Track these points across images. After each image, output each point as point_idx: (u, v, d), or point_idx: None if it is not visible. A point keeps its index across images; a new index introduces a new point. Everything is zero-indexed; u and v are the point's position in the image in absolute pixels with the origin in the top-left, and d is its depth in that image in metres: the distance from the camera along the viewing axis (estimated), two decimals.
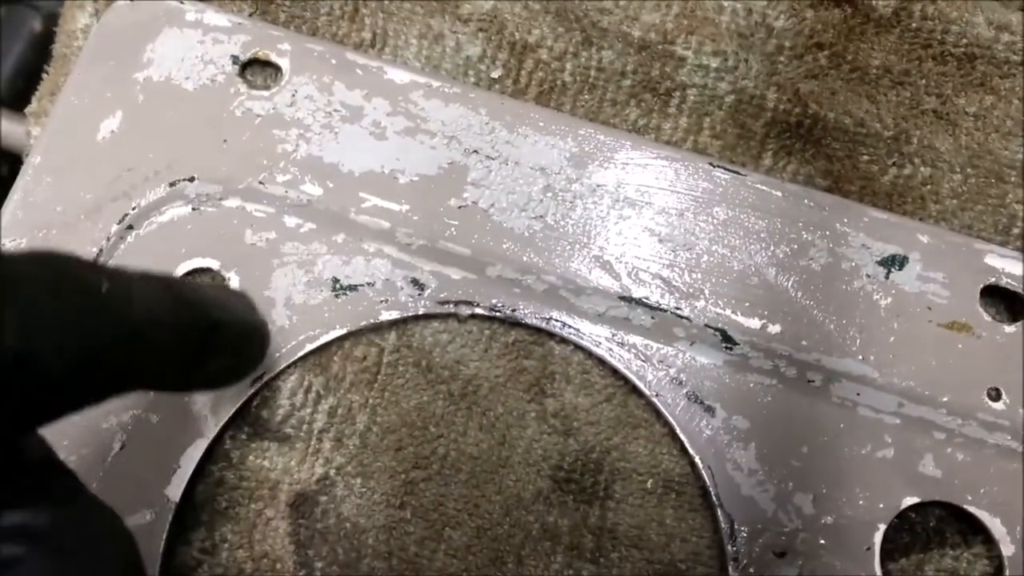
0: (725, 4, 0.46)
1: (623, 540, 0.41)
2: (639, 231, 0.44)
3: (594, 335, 0.43)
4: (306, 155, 0.45)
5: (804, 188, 0.44)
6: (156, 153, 0.44)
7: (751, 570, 0.40)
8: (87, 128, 0.44)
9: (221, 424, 0.41)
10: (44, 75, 0.48)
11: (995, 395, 0.42)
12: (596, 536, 0.41)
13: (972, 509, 0.41)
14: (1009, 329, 0.43)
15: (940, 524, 0.42)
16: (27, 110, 0.47)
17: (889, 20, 0.46)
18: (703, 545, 0.41)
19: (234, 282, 0.43)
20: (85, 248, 0.43)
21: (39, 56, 0.51)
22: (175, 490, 0.40)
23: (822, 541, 0.40)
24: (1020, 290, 0.43)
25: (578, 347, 0.43)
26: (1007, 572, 0.40)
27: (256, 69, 0.46)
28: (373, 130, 0.45)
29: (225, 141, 0.45)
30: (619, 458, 0.42)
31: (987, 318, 0.43)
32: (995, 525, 0.41)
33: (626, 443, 0.43)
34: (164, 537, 0.40)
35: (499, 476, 0.42)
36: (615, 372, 0.43)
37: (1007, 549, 0.40)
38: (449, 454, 0.42)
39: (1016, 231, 0.45)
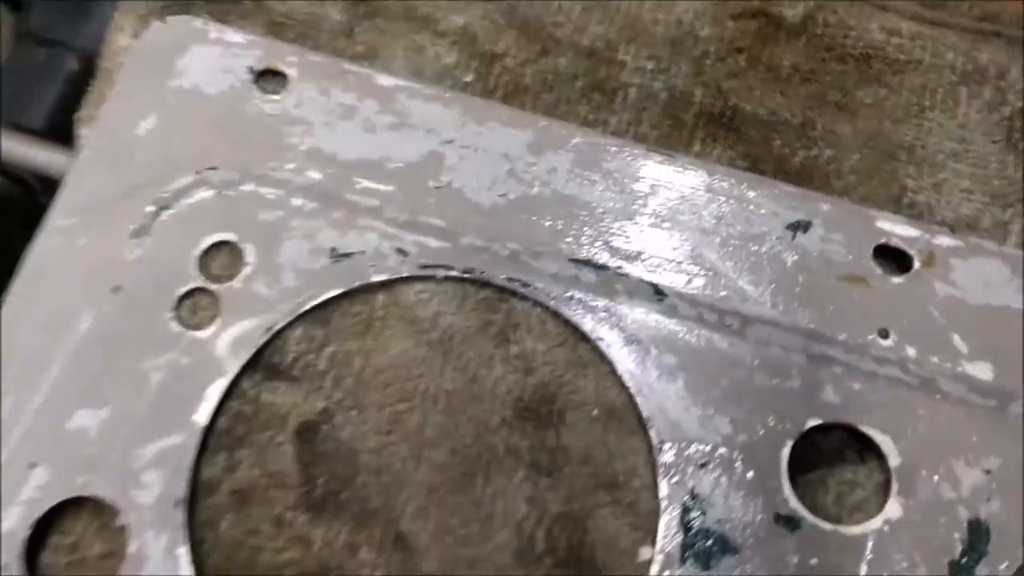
0: (659, 17, 0.55)
1: (574, 458, 0.50)
2: (587, 205, 0.52)
3: (549, 292, 0.52)
4: (309, 147, 0.54)
5: (726, 168, 0.53)
6: (185, 147, 0.53)
7: (677, 479, 0.48)
8: (128, 128, 0.53)
9: (240, 366, 0.50)
10: (90, 88, 0.57)
11: (884, 334, 0.50)
12: (551, 455, 0.50)
13: (866, 429, 0.49)
14: (897, 280, 0.51)
15: (841, 445, 0.50)
16: (77, 115, 0.56)
17: (797, 28, 0.55)
18: (640, 461, 0.49)
19: (250, 252, 0.52)
20: (125, 225, 0.52)
21: (77, 93, 0.58)
22: (201, 417, 0.49)
23: (738, 455, 0.48)
24: (906, 248, 0.51)
25: (536, 302, 0.52)
26: (894, 480, 0.48)
27: (268, 77, 0.55)
28: (365, 125, 0.54)
29: (242, 136, 0.54)
30: (570, 392, 0.51)
31: (879, 272, 0.51)
32: (885, 442, 0.49)
33: (576, 379, 0.51)
34: (193, 455, 0.48)
35: (470, 407, 0.50)
36: (567, 322, 0.51)
37: (894, 461, 0.48)
38: (428, 390, 0.51)
39: (906, 201, 0.53)
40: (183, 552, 0.46)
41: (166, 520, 0.47)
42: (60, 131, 0.58)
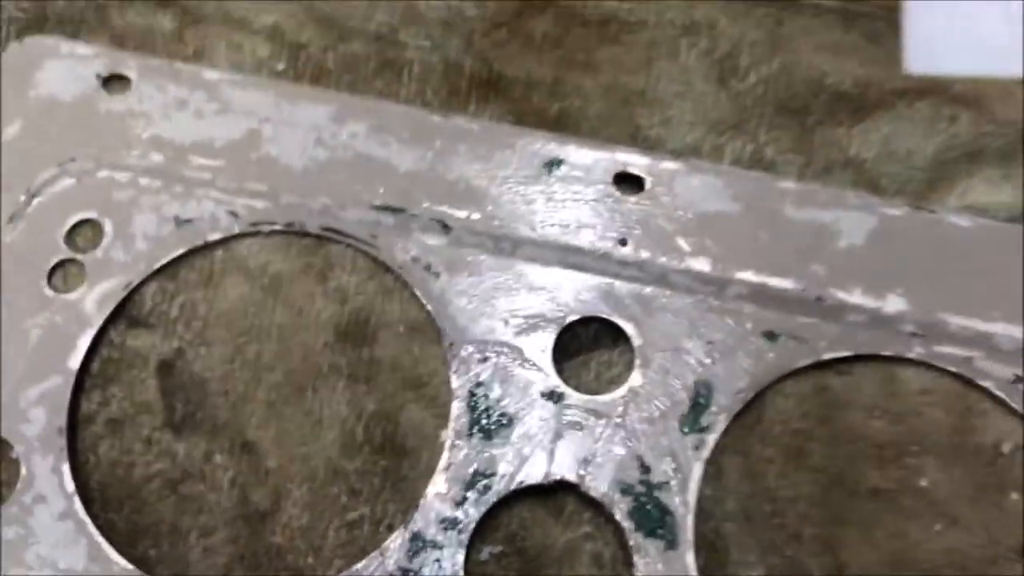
0: (432, 3, 0.67)
1: (385, 367, 0.61)
2: (384, 161, 0.64)
3: (357, 235, 0.63)
4: (151, 135, 0.64)
5: (495, 123, 0.65)
6: (47, 145, 0.64)
7: (465, 372, 0.60)
8: None
9: (105, 318, 0.61)
10: None
11: (624, 243, 0.62)
12: (367, 366, 0.61)
13: (615, 319, 0.61)
14: (632, 199, 0.63)
15: (597, 334, 0.62)
16: None
17: (546, 2, 0.67)
18: (438, 364, 0.61)
19: (108, 226, 0.63)
20: (5, 212, 0.62)
21: None
22: (75, 362, 0.60)
23: (512, 348, 0.60)
24: (640, 174, 0.63)
25: (347, 245, 0.63)
26: (636, 356, 0.60)
27: (113, 81, 0.66)
28: (196, 113, 0.65)
29: (95, 132, 0.65)
30: (380, 314, 0.62)
31: (618, 194, 0.63)
32: (630, 328, 0.60)
33: (384, 304, 0.62)
34: (70, 393, 0.59)
35: (298, 336, 0.62)
36: (375, 259, 0.63)
37: (637, 342, 0.60)
38: (263, 325, 0.62)
39: (641, 136, 0.65)
40: (66, 469, 0.57)
41: (50, 445, 0.58)
42: None
